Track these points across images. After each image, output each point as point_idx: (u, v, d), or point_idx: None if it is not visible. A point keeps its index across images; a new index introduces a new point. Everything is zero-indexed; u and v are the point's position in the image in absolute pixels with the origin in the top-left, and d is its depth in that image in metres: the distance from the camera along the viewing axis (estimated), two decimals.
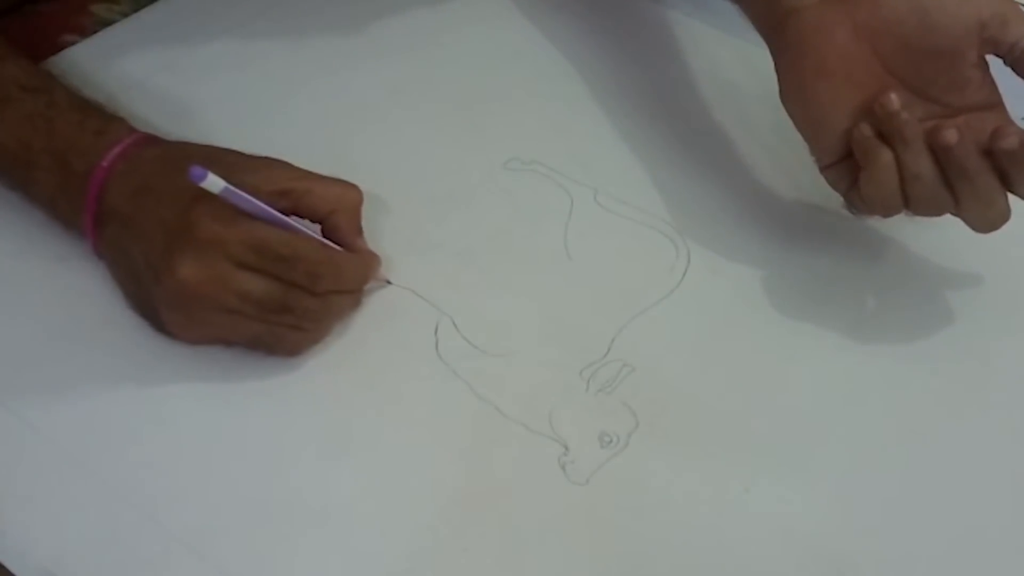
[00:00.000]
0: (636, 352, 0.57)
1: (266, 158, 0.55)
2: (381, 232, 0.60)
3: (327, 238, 0.55)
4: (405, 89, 0.69)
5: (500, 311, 0.58)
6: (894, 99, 0.53)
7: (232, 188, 0.50)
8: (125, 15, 0.72)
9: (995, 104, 0.55)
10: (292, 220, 0.53)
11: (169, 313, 0.53)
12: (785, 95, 0.57)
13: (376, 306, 0.58)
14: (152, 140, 0.56)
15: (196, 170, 0.49)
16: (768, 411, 0.56)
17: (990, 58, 0.54)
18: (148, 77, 0.66)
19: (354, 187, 0.56)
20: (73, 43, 0.69)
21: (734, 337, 0.59)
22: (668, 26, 0.74)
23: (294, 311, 0.52)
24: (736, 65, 0.71)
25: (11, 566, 0.48)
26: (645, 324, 0.58)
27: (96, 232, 0.55)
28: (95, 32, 0.70)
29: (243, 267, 0.51)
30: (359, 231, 0.56)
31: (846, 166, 0.56)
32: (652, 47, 0.73)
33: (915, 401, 0.57)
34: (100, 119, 0.56)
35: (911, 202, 0.54)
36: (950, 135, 0.52)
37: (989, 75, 0.54)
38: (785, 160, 0.66)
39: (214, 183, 0.49)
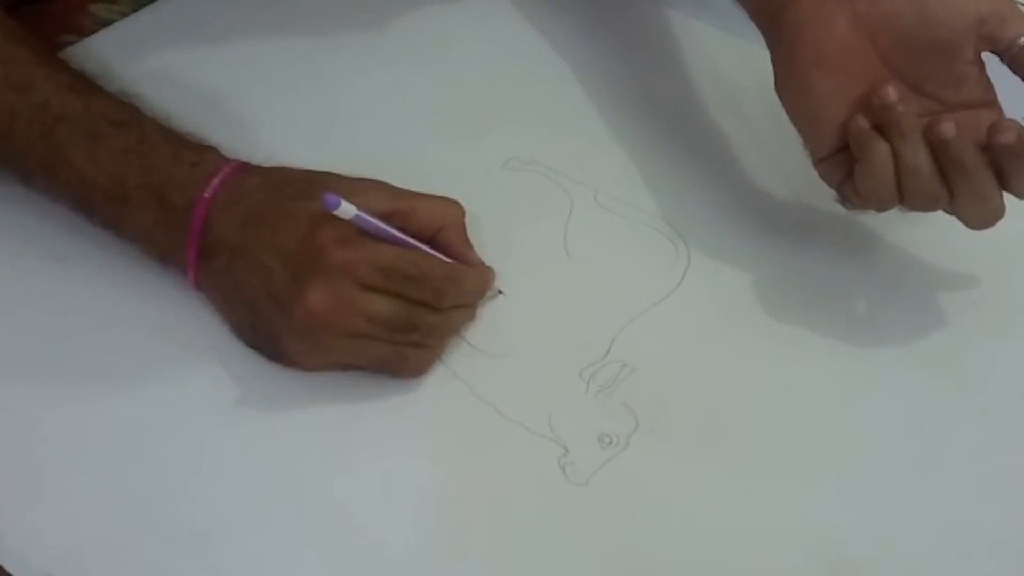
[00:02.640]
0: (636, 353, 0.57)
1: (364, 179, 0.55)
2: None
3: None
4: (405, 89, 0.69)
5: (500, 311, 0.58)
6: (891, 91, 0.53)
7: (363, 214, 0.50)
8: (124, 15, 0.72)
9: (990, 102, 0.55)
10: (411, 240, 0.53)
11: (296, 342, 0.53)
12: (780, 86, 0.57)
13: None
14: (248, 167, 0.55)
15: (330, 198, 0.49)
16: (768, 412, 0.56)
17: (988, 57, 0.54)
18: (147, 77, 0.66)
19: (455, 203, 0.56)
20: (72, 43, 0.69)
21: (734, 338, 0.59)
22: (668, 26, 0.74)
23: (419, 329, 0.53)
24: (736, 65, 0.71)
25: (11, 568, 0.48)
26: (645, 324, 0.58)
27: (199, 265, 0.54)
28: (94, 32, 0.70)
29: (369, 289, 0.51)
30: (469, 244, 0.56)
31: (840, 159, 0.56)
32: (652, 47, 0.73)
33: (915, 401, 0.57)
34: (193, 150, 0.55)
35: (906, 196, 0.54)
36: (948, 128, 0.52)
37: (985, 73, 0.54)
38: (786, 160, 0.66)
39: (347, 210, 0.49)
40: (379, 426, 0.54)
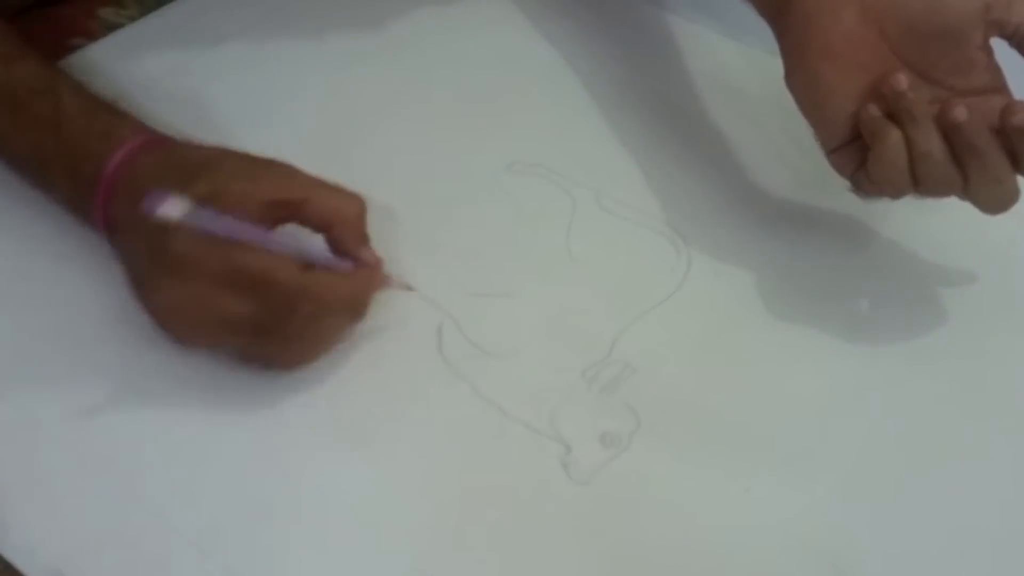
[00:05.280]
0: (638, 353, 0.57)
1: (269, 162, 0.53)
2: (386, 234, 0.61)
3: (333, 249, 0.53)
4: (410, 92, 0.69)
5: (503, 312, 0.59)
6: (902, 79, 0.53)
7: (196, 214, 0.48)
8: (132, 19, 0.72)
9: (1000, 87, 0.54)
10: (278, 236, 0.51)
11: (165, 326, 0.53)
12: (790, 78, 0.57)
13: (379, 307, 0.58)
14: (154, 143, 0.55)
15: (150, 199, 0.47)
16: (768, 411, 0.56)
17: (996, 43, 0.54)
18: (155, 80, 0.66)
19: (355, 197, 0.53)
20: (80, 47, 0.69)
21: (735, 338, 0.59)
22: (670, 30, 0.74)
23: (274, 335, 0.51)
24: (737, 68, 0.72)
25: (20, 564, 0.48)
26: (647, 325, 0.59)
27: (109, 237, 0.55)
28: (102, 36, 0.71)
29: (224, 287, 0.50)
30: (363, 242, 0.54)
31: (853, 149, 0.56)
32: (654, 51, 0.73)
33: (915, 401, 0.57)
34: (105, 121, 0.55)
35: (920, 182, 0.54)
36: (960, 112, 0.52)
37: (994, 58, 0.54)
38: (786, 162, 0.66)
39: (171, 210, 0.47)
40: (382, 424, 0.54)
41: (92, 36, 0.70)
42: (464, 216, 0.63)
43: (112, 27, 0.71)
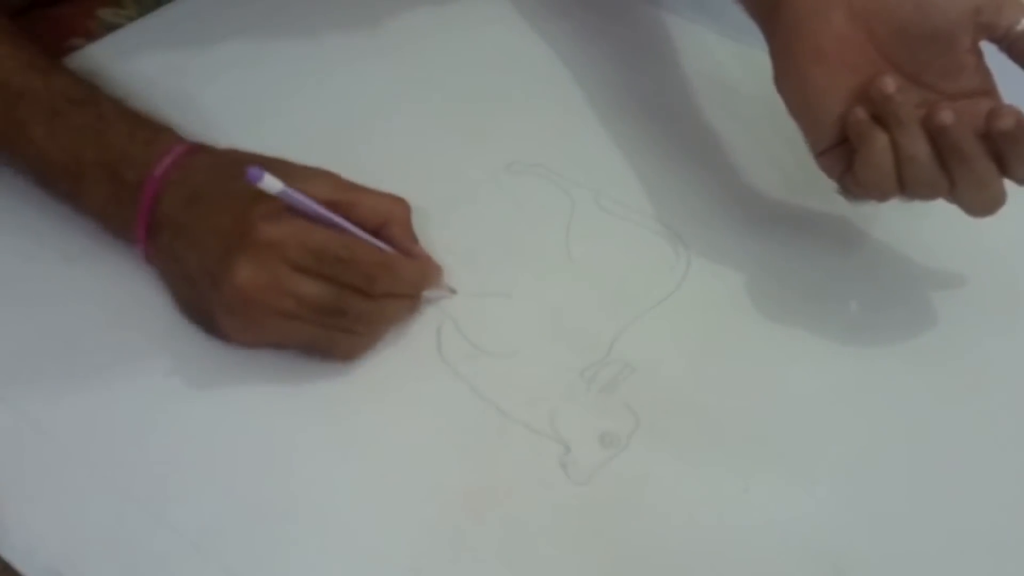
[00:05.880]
0: (637, 353, 0.57)
1: (312, 168, 0.55)
2: None
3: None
4: (409, 92, 0.70)
5: (502, 312, 0.59)
6: (889, 82, 0.53)
7: (289, 190, 0.50)
8: (131, 19, 0.72)
9: (989, 90, 0.54)
10: (346, 223, 0.53)
11: (227, 318, 0.53)
12: (779, 80, 0.57)
13: None
14: (202, 148, 0.57)
15: (253, 171, 0.49)
16: (768, 411, 0.56)
17: (987, 47, 0.54)
18: (154, 80, 0.66)
19: (401, 199, 0.56)
20: (79, 47, 0.70)
21: (734, 338, 0.59)
22: (669, 30, 0.75)
23: (348, 314, 0.53)
24: (736, 69, 0.72)
25: (18, 565, 0.48)
26: (646, 325, 0.59)
27: (148, 241, 0.55)
28: (101, 36, 0.71)
29: (299, 270, 0.52)
30: (414, 239, 0.57)
31: (841, 151, 0.56)
32: (653, 51, 0.74)
33: (915, 401, 0.57)
34: (149, 129, 0.57)
35: (906, 185, 0.54)
36: (945, 116, 0.52)
37: (983, 61, 0.54)
38: (784, 162, 0.66)
39: (272, 184, 0.49)
40: (382, 425, 0.54)
41: (91, 36, 0.70)
42: (463, 216, 0.63)
43: (111, 27, 0.71)
